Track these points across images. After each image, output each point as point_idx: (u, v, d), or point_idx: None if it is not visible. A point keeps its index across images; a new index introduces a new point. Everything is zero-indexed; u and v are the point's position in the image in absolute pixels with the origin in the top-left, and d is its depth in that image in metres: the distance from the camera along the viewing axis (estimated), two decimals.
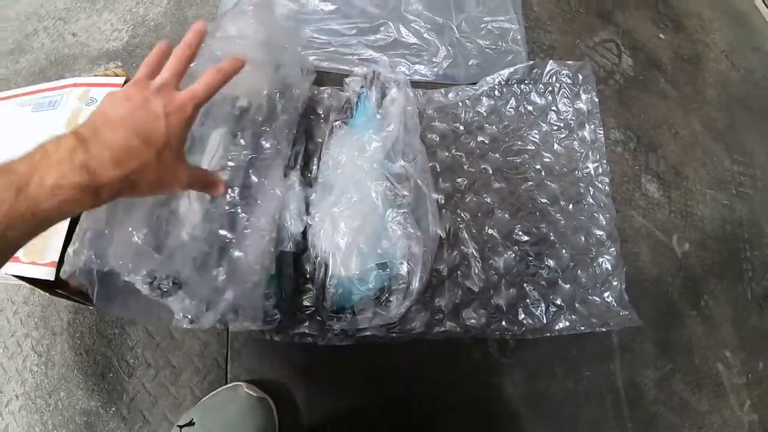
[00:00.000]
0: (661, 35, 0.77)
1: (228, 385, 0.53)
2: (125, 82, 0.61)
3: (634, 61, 0.73)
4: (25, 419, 0.61)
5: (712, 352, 0.62)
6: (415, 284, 0.50)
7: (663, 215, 0.65)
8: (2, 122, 0.66)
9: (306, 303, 0.54)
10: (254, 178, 0.48)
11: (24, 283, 0.56)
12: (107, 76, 0.66)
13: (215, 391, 0.53)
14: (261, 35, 0.52)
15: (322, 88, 0.63)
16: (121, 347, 0.60)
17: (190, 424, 0.47)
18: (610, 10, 0.78)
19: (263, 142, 0.50)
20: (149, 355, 0.59)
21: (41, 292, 0.54)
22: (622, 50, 0.74)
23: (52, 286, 0.50)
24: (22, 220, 0.30)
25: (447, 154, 0.60)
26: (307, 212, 0.54)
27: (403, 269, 0.50)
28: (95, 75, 0.66)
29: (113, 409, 0.58)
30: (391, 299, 0.50)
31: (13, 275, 0.60)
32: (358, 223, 0.51)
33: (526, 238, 0.58)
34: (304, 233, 0.54)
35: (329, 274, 0.51)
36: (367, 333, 0.52)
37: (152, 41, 0.73)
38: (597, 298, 0.58)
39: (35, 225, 0.31)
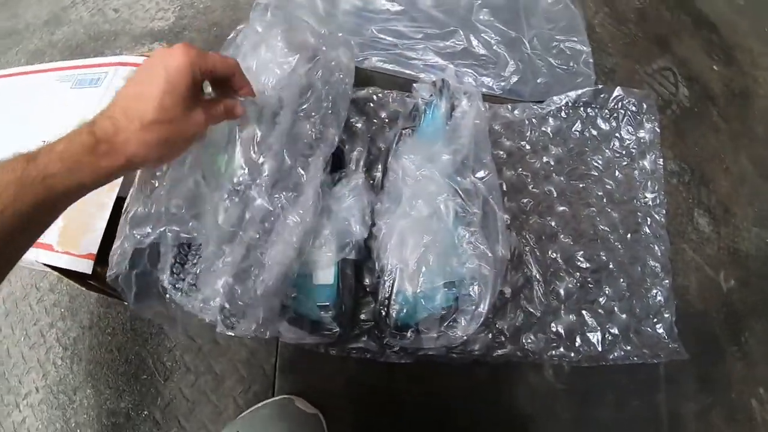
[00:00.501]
0: (714, 67, 0.78)
1: (278, 398, 0.50)
2: None
3: (689, 91, 0.73)
4: (45, 414, 0.57)
5: (747, 388, 0.63)
6: (484, 307, 0.48)
7: (712, 250, 0.66)
8: (41, 97, 0.61)
9: (364, 316, 0.52)
10: (291, 164, 0.45)
11: (52, 271, 0.52)
12: None
13: (263, 403, 0.50)
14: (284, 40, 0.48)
15: (386, 91, 0.61)
16: (158, 348, 0.57)
17: None
18: (667, 37, 0.78)
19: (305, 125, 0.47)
20: (189, 359, 0.56)
21: (70, 281, 0.51)
22: (678, 79, 0.74)
23: (86, 279, 0.47)
24: (32, 186, 0.29)
25: (513, 172, 0.59)
26: (372, 220, 0.52)
27: (473, 290, 0.49)
28: (143, 54, 0.62)
29: (145, 412, 0.55)
30: (458, 320, 0.48)
31: (44, 264, 0.56)
32: (428, 239, 0.49)
33: (587, 264, 0.57)
34: (366, 241, 0.52)
35: (395, 290, 0.49)
36: (428, 352, 0.51)
37: (200, 24, 0.70)
38: (649, 329, 0.58)
39: (47, 194, 0.30)
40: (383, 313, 0.49)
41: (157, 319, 0.53)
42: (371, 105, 0.60)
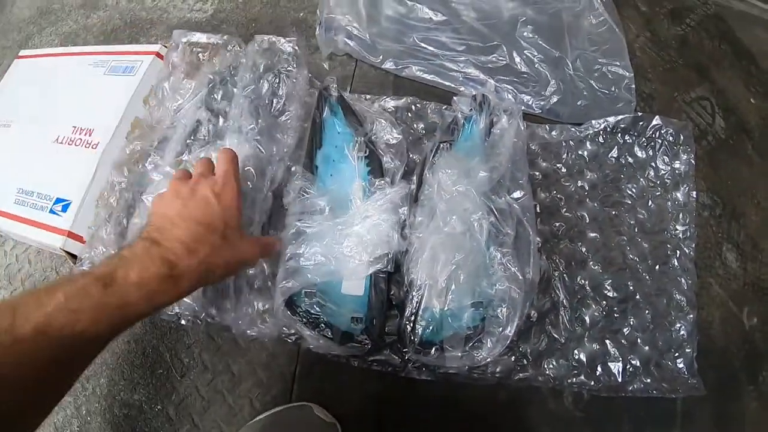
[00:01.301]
0: (751, 99, 0.76)
1: (296, 404, 0.50)
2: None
3: (726, 123, 0.72)
4: None
5: (760, 428, 0.63)
6: (511, 330, 0.48)
7: (737, 286, 0.65)
8: (73, 79, 0.61)
9: (387, 329, 0.52)
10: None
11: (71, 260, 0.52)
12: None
13: (280, 408, 0.50)
14: None
15: (425, 102, 0.60)
16: (176, 344, 0.57)
17: None
18: (707, 66, 0.77)
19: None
20: (207, 357, 0.55)
21: None
22: (716, 110, 0.73)
23: None
24: (110, 314, 0.30)
25: (547, 194, 0.58)
26: (404, 236, 0.51)
27: (501, 312, 0.48)
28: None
29: (158, 407, 0.55)
30: (483, 341, 0.48)
31: (67, 252, 0.56)
32: (460, 256, 0.49)
33: (614, 294, 0.56)
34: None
35: (422, 306, 0.48)
36: (448, 371, 0.50)
37: (239, 18, 0.69)
38: (670, 363, 0.58)
39: (122, 319, 0.32)
40: (408, 329, 0.48)
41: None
42: (409, 115, 0.60)
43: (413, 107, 0.60)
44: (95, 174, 0.55)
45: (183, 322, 0.54)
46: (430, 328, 0.48)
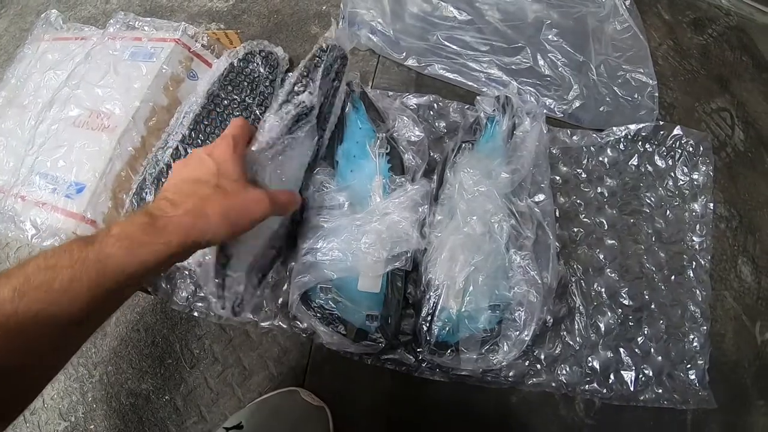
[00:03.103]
0: None
1: (284, 389, 0.50)
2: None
3: (745, 135, 0.72)
4: (62, 384, 0.57)
5: None
6: (527, 334, 0.48)
7: (751, 300, 0.64)
8: (94, 65, 0.60)
9: (403, 328, 0.51)
10: None
11: None
12: (213, 37, 0.61)
13: (269, 394, 0.50)
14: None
15: (447, 101, 0.59)
16: (187, 334, 0.56)
17: (239, 427, 0.45)
18: (728, 77, 0.76)
19: None
20: (218, 349, 0.55)
21: None
22: (735, 122, 0.72)
23: None
24: (88, 267, 0.29)
25: (566, 199, 0.58)
26: (423, 234, 0.51)
27: (519, 316, 0.48)
28: (202, 33, 0.60)
29: (166, 397, 0.54)
30: (499, 344, 0.47)
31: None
32: (479, 258, 0.48)
33: (630, 302, 0.56)
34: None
35: (439, 306, 0.48)
36: (462, 373, 0.50)
37: (261, 9, 0.68)
38: (682, 374, 0.58)
39: (102, 274, 0.29)
40: (424, 328, 0.48)
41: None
42: (431, 113, 0.59)
43: (435, 105, 0.59)
44: (112, 159, 0.55)
45: (195, 313, 0.54)
46: (446, 329, 0.48)
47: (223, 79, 0.54)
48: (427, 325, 0.48)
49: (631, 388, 0.54)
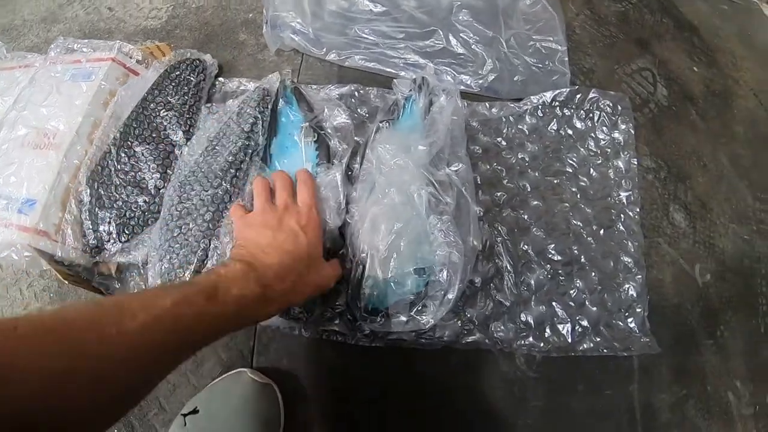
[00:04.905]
0: (695, 68, 0.79)
1: (232, 372, 0.52)
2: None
3: (668, 91, 0.75)
4: None
5: (723, 382, 0.64)
6: (453, 293, 0.50)
7: (687, 245, 0.67)
8: (39, 89, 0.64)
9: (337, 301, 0.54)
10: None
11: (44, 261, 0.55)
12: (147, 51, 0.65)
13: (219, 378, 0.52)
14: None
15: (368, 88, 0.63)
16: None
17: (194, 412, 0.47)
18: (648, 39, 0.79)
19: None
20: None
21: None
22: (657, 80, 0.75)
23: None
24: (208, 324, 0.33)
25: (488, 167, 0.60)
26: (347, 210, 0.54)
27: (442, 277, 0.50)
28: (136, 50, 0.65)
29: None
30: (427, 306, 0.50)
31: (37, 249, 0.58)
32: (400, 225, 0.51)
33: (558, 257, 0.58)
34: (341, 231, 0.54)
35: (365, 275, 0.51)
36: (396, 337, 0.52)
37: (191, 23, 0.72)
38: (621, 323, 0.59)
39: (216, 331, 0.35)
40: (354, 297, 0.50)
41: None
42: (353, 101, 0.62)
43: (356, 93, 0.63)
44: (59, 173, 0.58)
45: None
46: (375, 295, 0.50)
47: (152, 85, 0.58)
48: (357, 293, 0.50)
49: (569, 340, 0.56)
